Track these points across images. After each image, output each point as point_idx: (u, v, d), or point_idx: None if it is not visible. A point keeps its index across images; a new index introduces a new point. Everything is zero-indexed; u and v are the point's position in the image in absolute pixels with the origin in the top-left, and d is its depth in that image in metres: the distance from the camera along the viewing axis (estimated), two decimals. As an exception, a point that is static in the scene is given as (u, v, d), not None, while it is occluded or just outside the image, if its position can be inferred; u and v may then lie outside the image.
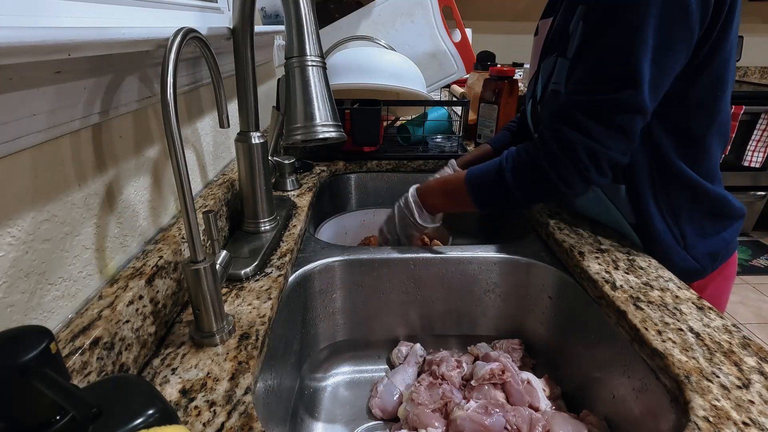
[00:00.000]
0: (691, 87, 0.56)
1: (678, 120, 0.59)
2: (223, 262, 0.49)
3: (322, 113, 0.46)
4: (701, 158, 0.61)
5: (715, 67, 0.55)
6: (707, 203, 0.63)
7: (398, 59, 0.99)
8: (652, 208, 0.62)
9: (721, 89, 0.58)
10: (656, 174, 0.61)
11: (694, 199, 0.62)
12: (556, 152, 0.56)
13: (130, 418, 0.26)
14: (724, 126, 0.61)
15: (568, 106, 0.57)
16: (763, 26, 2.62)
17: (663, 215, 0.63)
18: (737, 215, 0.66)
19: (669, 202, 0.62)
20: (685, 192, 0.62)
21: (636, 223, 0.65)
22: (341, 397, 0.69)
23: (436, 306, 0.72)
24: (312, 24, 0.46)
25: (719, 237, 0.65)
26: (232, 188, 0.72)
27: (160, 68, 0.52)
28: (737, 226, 0.67)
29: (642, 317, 0.50)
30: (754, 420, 0.38)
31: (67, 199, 0.39)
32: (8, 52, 0.28)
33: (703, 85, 0.56)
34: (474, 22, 2.48)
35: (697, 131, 0.59)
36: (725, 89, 0.58)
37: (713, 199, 0.63)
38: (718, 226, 0.65)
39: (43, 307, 0.36)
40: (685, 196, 0.62)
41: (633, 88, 0.52)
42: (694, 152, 0.60)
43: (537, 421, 0.55)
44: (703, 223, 0.63)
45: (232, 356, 0.44)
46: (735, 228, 0.67)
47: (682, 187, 0.62)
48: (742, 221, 0.68)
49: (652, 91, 0.53)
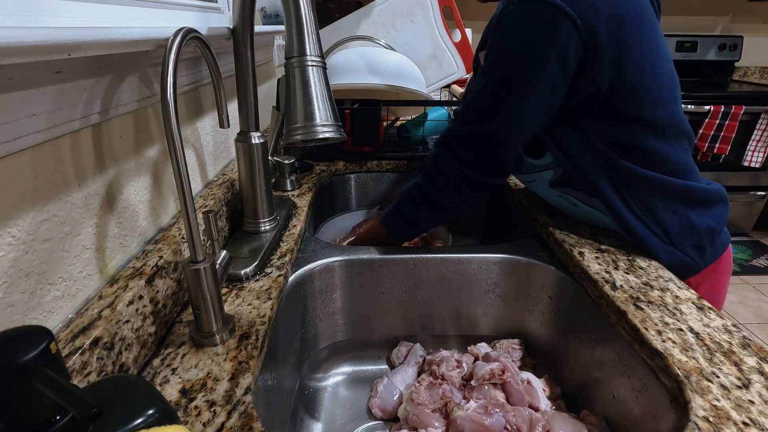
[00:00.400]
0: (610, 108, 0.60)
1: (613, 133, 0.61)
2: (223, 262, 0.49)
3: (322, 113, 0.46)
4: (653, 160, 0.61)
5: (628, 89, 0.58)
6: (679, 196, 0.63)
7: (398, 59, 0.99)
8: (626, 213, 0.63)
9: (647, 103, 0.59)
10: (617, 181, 0.62)
11: (664, 196, 0.63)
12: (437, 178, 0.66)
13: (130, 418, 0.26)
14: (673, 128, 0.62)
15: (447, 134, 0.66)
16: (763, 26, 2.62)
17: (639, 217, 0.63)
18: (716, 200, 0.66)
19: (641, 204, 0.63)
20: (653, 191, 0.62)
21: (621, 228, 0.66)
22: (341, 397, 0.69)
23: (436, 306, 0.72)
24: (312, 24, 0.46)
25: (704, 226, 0.65)
26: (232, 188, 0.72)
27: (160, 68, 0.52)
28: (719, 211, 0.67)
29: (642, 317, 0.50)
30: (754, 420, 0.38)
31: (67, 199, 0.39)
32: (8, 52, 0.28)
33: (622, 104, 0.59)
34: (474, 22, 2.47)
35: (639, 142, 0.61)
36: (653, 102, 0.59)
37: (683, 191, 0.63)
38: (697, 212, 0.64)
39: (43, 307, 0.36)
40: (655, 195, 0.62)
41: (495, 122, 0.60)
42: (642, 158, 0.61)
43: (537, 421, 0.55)
44: (681, 213, 0.63)
45: (232, 356, 0.45)
46: (717, 214, 0.66)
47: (647, 187, 0.62)
48: (724, 207, 0.68)
49: (515, 126, 0.60)
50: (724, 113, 2.09)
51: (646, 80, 0.58)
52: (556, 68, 0.56)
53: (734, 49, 2.52)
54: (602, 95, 0.58)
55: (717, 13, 2.57)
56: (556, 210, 0.79)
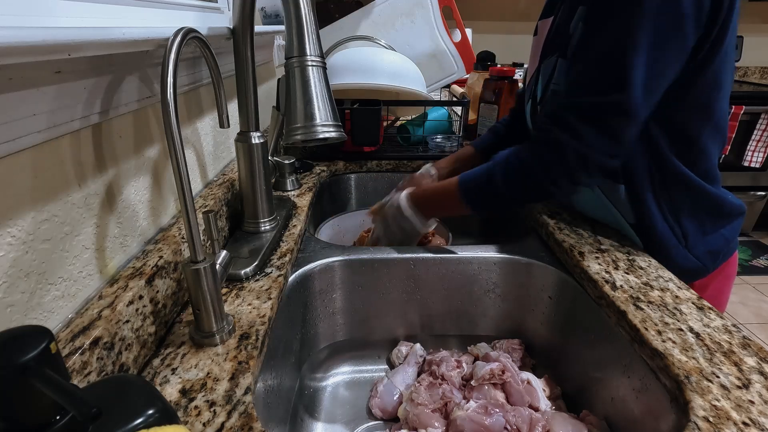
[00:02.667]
0: (688, 89, 0.56)
1: (675, 121, 0.59)
2: (223, 262, 0.49)
3: (322, 113, 0.46)
4: (699, 159, 0.61)
5: (713, 69, 0.56)
6: (707, 203, 0.63)
7: (398, 59, 0.99)
8: (653, 208, 0.62)
9: (719, 91, 0.58)
10: (656, 174, 0.62)
11: (695, 199, 0.62)
12: (546, 154, 0.58)
13: (130, 418, 0.26)
14: (722, 127, 0.61)
15: (561, 108, 0.58)
16: (763, 26, 2.62)
17: (664, 215, 0.63)
18: (737, 213, 0.67)
19: (670, 202, 0.62)
20: (686, 192, 0.62)
21: (636, 223, 0.65)
22: (341, 397, 0.69)
23: (436, 306, 0.72)
24: (312, 24, 0.46)
25: (720, 235, 0.65)
26: (232, 188, 0.72)
27: (160, 68, 0.52)
28: (737, 224, 0.67)
29: (642, 317, 0.50)
30: (754, 420, 0.38)
31: (67, 199, 0.39)
32: (8, 52, 0.28)
33: (701, 86, 0.56)
34: (474, 22, 2.48)
35: (695, 133, 0.60)
36: (723, 91, 0.58)
37: (713, 199, 0.63)
38: (718, 224, 0.65)
39: (43, 307, 0.36)
40: (686, 196, 0.62)
41: (623, 92, 0.52)
42: (691, 152, 0.61)
43: (537, 421, 0.55)
44: (704, 221, 0.64)
45: (232, 356, 0.44)
46: (735, 226, 0.67)
47: (682, 187, 0.62)
48: (742, 219, 0.68)
49: (644, 95, 0.53)
50: (724, 113, 2.09)
51: (728, 61, 0.55)
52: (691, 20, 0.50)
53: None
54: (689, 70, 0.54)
55: (717, 13, 2.57)
56: (556, 210, 0.79)
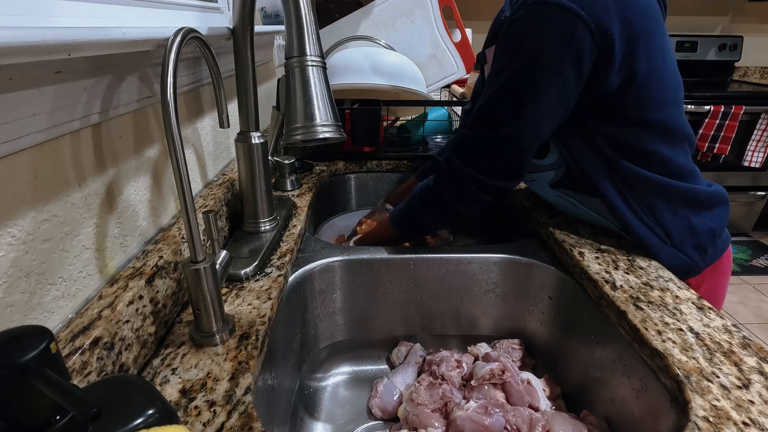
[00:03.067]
0: (613, 110, 0.60)
1: (615, 135, 0.61)
2: (223, 262, 0.49)
3: (322, 113, 0.46)
4: (658, 163, 0.62)
5: (634, 93, 0.58)
6: (679, 197, 0.63)
7: (398, 59, 0.99)
8: (628, 215, 0.63)
9: (652, 107, 0.59)
10: (620, 183, 0.63)
11: (667, 198, 0.63)
12: (449, 182, 0.66)
13: (130, 418, 0.26)
14: (676, 131, 0.62)
15: (460, 139, 0.65)
16: (763, 26, 2.62)
17: (641, 219, 0.63)
18: (716, 201, 0.66)
19: (643, 205, 0.63)
20: (655, 192, 0.62)
21: (622, 228, 0.66)
22: (341, 397, 0.69)
23: (436, 306, 0.72)
24: (312, 24, 0.46)
25: (704, 228, 0.65)
26: (232, 188, 0.72)
27: (160, 68, 0.52)
28: (720, 212, 0.67)
29: (642, 317, 0.50)
30: (754, 420, 0.38)
31: (67, 199, 0.39)
32: (8, 52, 0.28)
33: (628, 106, 0.59)
34: (474, 22, 2.47)
35: (642, 144, 0.61)
36: (658, 103, 0.59)
37: (684, 193, 0.63)
38: (698, 215, 0.65)
39: (43, 307, 0.36)
40: (657, 196, 0.62)
41: (510, 129, 0.60)
42: (645, 159, 0.61)
43: (537, 421, 0.55)
44: (683, 215, 0.63)
45: (232, 356, 0.44)
46: (717, 215, 0.67)
47: (650, 189, 0.62)
48: (725, 208, 0.68)
49: (530, 132, 0.60)
50: (724, 113, 2.09)
51: (654, 84, 0.58)
52: (572, 73, 0.55)
53: (734, 49, 2.52)
54: (609, 98, 0.58)
55: (717, 13, 2.57)
56: (556, 210, 0.79)
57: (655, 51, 0.57)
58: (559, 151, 0.65)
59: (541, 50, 0.56)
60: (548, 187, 0.72)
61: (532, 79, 0.57)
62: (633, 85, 0.57)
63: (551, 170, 0.69)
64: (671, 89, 0.60)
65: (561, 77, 0.56)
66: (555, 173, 0.69)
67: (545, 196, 0.77)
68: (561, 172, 0.68)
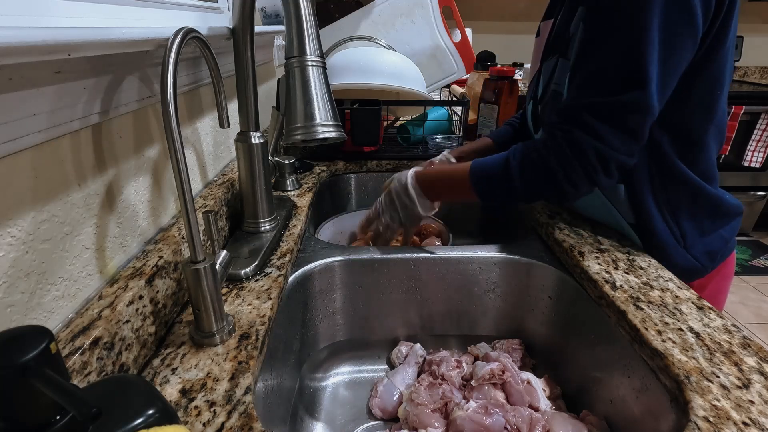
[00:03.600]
0: (690, 86, 0.56)
1: (677, 119, 0.59)
2: (223, 262, 0.49)
3: (322, 113, 0.46)
4: (699, 157, 0.61)
5: (715, 67, 0.56)
6: (706, 202, 0.63)
7: (398, 59, 0.99)
8: (652, 208, 0.62)
9: (719, 89, 0.58)
10: (656, 174, 0.62)
11: (694, 199, 0.62)
12: (567, 153, 0.56)
13: (130, 418, 0.26)
14: (721, 125, 0.61)
15: (577, 108, 0.56)
16: (763, 26, 2.62)
17: (663, 215, 0.63)
18: (734, 213, 0.67)
19: (669, 202, 0.62)
20: (685, 192, 0.62)
21: (635, 223, 0.65)
22: (341, 397, 0.69)
23: (436, 306, 0.72)
24: (312, 24, 0.46)
25: (718, 235, 0.65)
26: (232, 188, 0.72)
27: (160, 68, 0.52)
28: (735, 224, 0.67)
29: (642, 317, 0.50)
30: (754, 420, 0.38)
31: (67, 199, 0.39)
32: (8, 52, 0.28)
33: (702, 84, 0.57)
34: (474, 22, 2.48)
35: (695, 131, 0.60)
36: (723, 89, 0.58)
37: (712, 198, 0.63)
38: (716, 224, 0.65)
39: (43, 307, 0.36)
40: (685, 196, 0.62)
41: (641, 89, 0.52)
42: (692, 151, 0.61)
43: (537, 421, 0.55)
44: (703, 221, 0.64)
45: (232, 356, 0.45)
46: (733, 226, 0.67)
47: (681, 186, 0.62)
48: (740, 219, 0.68)
49: (659, 90, 0.53)
50: (724, 113, 2.09)
51: (729, 62, 0.55)
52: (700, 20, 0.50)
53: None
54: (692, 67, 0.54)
55: (717, 13, 2.57)
56: (556, 210, 0.79)
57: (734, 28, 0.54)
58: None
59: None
60: None
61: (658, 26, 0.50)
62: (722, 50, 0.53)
63: None
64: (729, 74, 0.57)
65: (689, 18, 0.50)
66: None
67: None
68: None
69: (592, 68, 0.56)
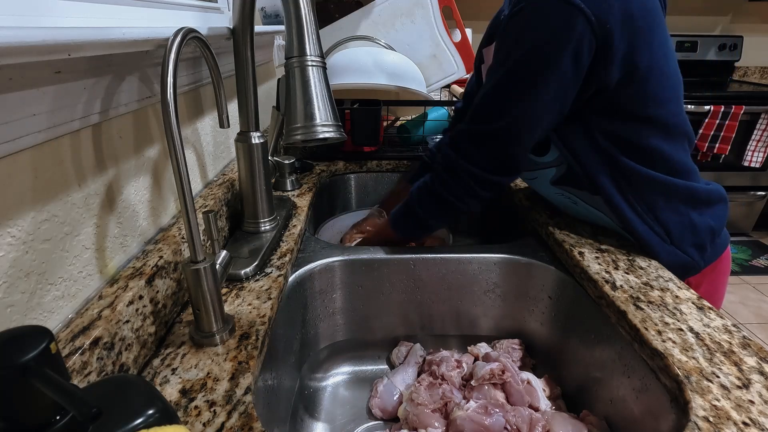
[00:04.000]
0: (616, 105, 0.59)
1: (616, 132, 0.61)
2: (223, 262, 0.49)
3: (322, 113, 0.46)
4: (658, 159, 0.62)
5: (636, 90, 0.58)
6: (678, 195, 0.63)
7: (398, 59, 0.99)
8: (628, 212, 0.63)
9: (652, 103, 0.59)
10: (620, 180, 0.62)
11: (666, 195, 0.63)
12: (447, 178, 0.65)
13: (130, 418, 0.26)
14: (676, 128, 0.62)
15: (456, 134, 0.65)
16: (763, 26, 2.62)
17: (641, 216, 0.63)
18: (715, 199, 0.66)
19: (642, 202, 0.63)
20: (655, 190, 0.62)
21: (623, 227, 0.66)
22: (341, 397, 0.69)
23: (436, 306, 0.72)
24: (312, 24, 0.46)
25: (704, 225, 0.65)
26: (232, 188, 0.72)
27: (160, 68, 0.52)
28: (720, 211, 0.67)
29: (642, 317, 0.50)
30: (754, 420, 0.38)
31: (67, 199, 0.39)
32: (8, 52, 0.28)
33: (628, 102, 0.59)
34: (474, 22, 2.47)
35: (642, 140, 0.61)
36: (658, 101, 0.59)
37: (683, 190, 0.63)
38: (696, 212, 0.65)
39: (43, 307, 0.36)
40: (657, 194, 0.62)
41: (504, 122, 0.60)
42: (645, 156, 0.61)
43: (537, 421, 0.55)
44: (682, 213, 0.63)
45: (232, 356, 0.45)
46: (718, 214, 0.67)
47: (649, 186, 0.62)
48: (724, 206, 0.68)
49: (526, 125, 0.60)
50: (724, 113, 2.09)
51: (654, 79, 0.58)
52: (570, 66, 0.55)
53: (734, 49, 2.52)
54: (610, 93, 0.58)
55: (717, 13, 2.57)
56: (556, 210, 0.79)
57: (656, 47, 0.57)
58: (560, 147, 0.65)
59: (540, 43, 0.56)
60: (550, 184, 0.72)
61: (531, 72, 0.57)
62: (633, 80, 0.57)
63: (552, 167, 0.69)
64: (672, 86, 0.60)
65: (560, 70, 0.55)
66: (557, 170, 0.69)
67: (547, 194, 0.77)
68: (562, 169, 0.68)
69: (478, 98, 0.63)
